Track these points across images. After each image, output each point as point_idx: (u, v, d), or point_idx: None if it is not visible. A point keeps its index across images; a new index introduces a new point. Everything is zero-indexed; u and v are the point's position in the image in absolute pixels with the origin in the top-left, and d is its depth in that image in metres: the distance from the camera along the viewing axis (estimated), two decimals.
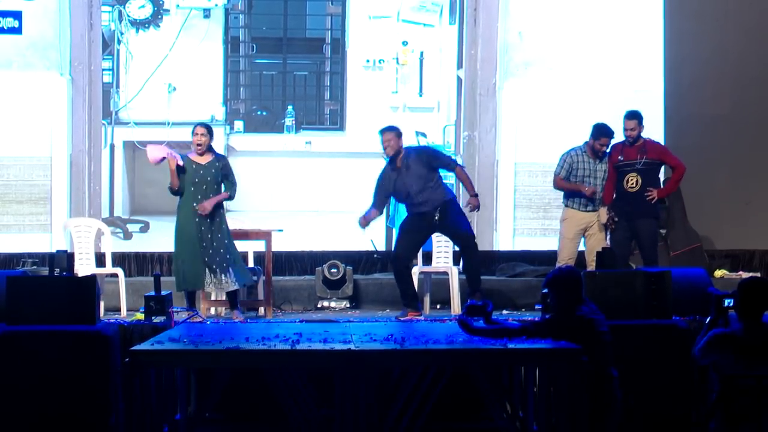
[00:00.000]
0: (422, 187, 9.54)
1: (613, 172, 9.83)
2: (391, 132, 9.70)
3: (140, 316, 8.89)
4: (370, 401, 6.27)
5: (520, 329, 6.68)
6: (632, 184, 9.78)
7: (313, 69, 13.53)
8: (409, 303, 9.59)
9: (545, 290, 6.83)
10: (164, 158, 9.24)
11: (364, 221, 9.74)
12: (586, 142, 9.88)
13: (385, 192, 9.75)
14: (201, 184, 9.24)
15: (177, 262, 9.31)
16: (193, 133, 9.28)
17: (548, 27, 11.71)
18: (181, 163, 9.20)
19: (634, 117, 9.83)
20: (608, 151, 9.88)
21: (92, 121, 11.58)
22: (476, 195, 9.74)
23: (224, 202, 9.39)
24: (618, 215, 9.78)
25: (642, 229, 9.79)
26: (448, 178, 10.40)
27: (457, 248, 10.17)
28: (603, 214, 9.82)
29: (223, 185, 9.33)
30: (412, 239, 9.67)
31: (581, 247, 9.94)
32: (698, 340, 6.47)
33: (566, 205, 9.95)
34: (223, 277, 9.23)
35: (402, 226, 9.84)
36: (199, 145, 9.23)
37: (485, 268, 10.77)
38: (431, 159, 9.70)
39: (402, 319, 9.33)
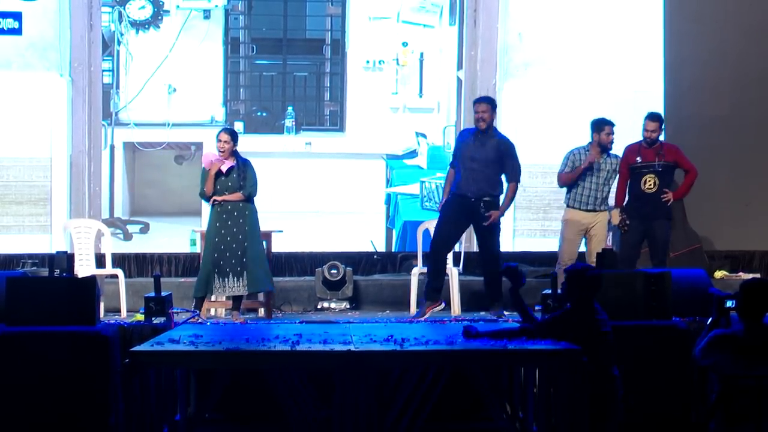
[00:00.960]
0: (482, 169, 9.27)
1: (626, 174, 9.78)
2: (486, 104, 9.36)
3: (140, 317, 8.89)
4: (369, 402, 6.27)
5: (521, 330, 6.68)
6: (650, 185, 9.75)
7: (313, 70, 13.53)
8: (431, 295, 9.37)
9: (563, 282, 6.78)
10: (211, 162, 9.38)
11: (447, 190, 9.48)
12: (590, 142, 9.82)
13: (458, 152, 9.41)
14: (222, 191, 9.33)
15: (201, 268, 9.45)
16: (217, 140, 9.38)
17: (548, 28, 11.71)
18: (224, 169, 9.30)
19: (656, 119, 9.82)
20: (618, 153, 9.82)
21: (92, 121, 11.56)
22: (503, 214, 9.42)
23: (255, 204, 9.44)
24: (633, 217, 9.73)
25: (657, 230, 9.75)
26: None
27: (457, 249, 10.14)
28: (615, 216, 9.78)
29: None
30: (451, 227, 9.37)
31: (582, 248, 9.91)
32: (699, 341, 6.47)
33: (568, 206, 9.88)
34: (235, 281, 9.27)
35: (442, 212, 9.47)
36: (221, 151, 9.33)
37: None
38: (506, 155, 9.35)
39: (417, 319, 9.20)
